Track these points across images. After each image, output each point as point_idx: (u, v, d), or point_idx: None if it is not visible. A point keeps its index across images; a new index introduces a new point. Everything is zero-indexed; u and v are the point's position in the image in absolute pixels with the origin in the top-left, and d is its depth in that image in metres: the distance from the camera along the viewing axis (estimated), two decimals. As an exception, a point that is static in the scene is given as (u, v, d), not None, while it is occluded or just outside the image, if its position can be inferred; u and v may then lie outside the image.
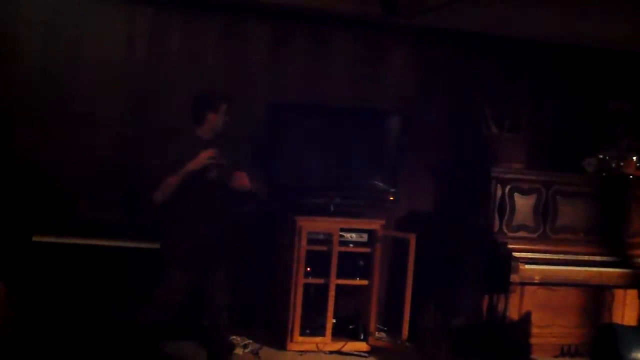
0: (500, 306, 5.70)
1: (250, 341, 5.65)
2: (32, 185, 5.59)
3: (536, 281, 5.70)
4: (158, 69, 5.82)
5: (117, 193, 5.63)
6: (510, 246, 5.69)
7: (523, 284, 5.70)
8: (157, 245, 5.03)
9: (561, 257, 5.77)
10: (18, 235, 5.27)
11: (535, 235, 5.88)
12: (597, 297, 5.94)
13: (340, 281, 5.67)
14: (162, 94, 5.82)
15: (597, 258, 5.83)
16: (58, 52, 5.68)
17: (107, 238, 5.32)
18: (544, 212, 5.89)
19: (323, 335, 5.65)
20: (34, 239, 5.19)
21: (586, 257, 5.81)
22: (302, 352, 5.60)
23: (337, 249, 5.62)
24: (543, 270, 5.69)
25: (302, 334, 5.62)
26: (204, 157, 4.58)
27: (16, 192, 5.55)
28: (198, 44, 5.89)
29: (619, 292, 5.95)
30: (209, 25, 5.89)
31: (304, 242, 5.55)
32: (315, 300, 5.72)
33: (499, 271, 5.66)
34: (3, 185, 5.52)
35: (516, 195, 5.84)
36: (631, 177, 6.01)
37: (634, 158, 6.11)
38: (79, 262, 5.27)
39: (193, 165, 4.56)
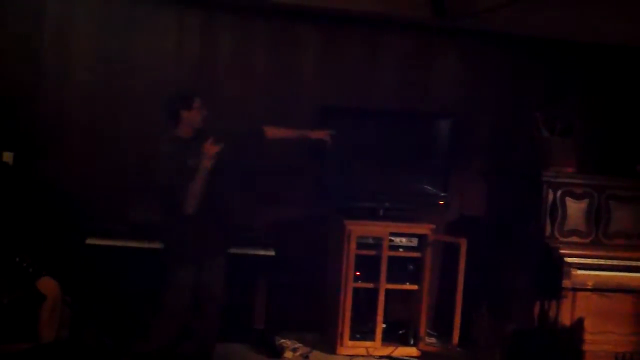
0: (552, 312, 5.62)
1: (300, 345, 5.65)
2: (85, 190, 5.68)
3: (589, 287, 5.60)
4: (208, 73, 5.86)
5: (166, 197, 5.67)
6: (562, 251, 5.60)
7: (575, 289, 5.60)
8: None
9: (615, 262, 5.66)
10: (73, 238, 5.35)
11: (587, 241, 5.78)
12: (653, 304, 5.82)
13: (390, 286, 5.65)
14: (212, 98, 5.84)
15: (653, 264, 5.73)
16: (110, 57, 5.76)
17: (156, 241, 5.36)
18: (596, 217, 5.78)
19: (373, 339, 5.62)
20: (88, 241, 5.29)
21: (641, 263, 5.72)
22: (351, 356, 5.59)
23: (386, 253, 5.60)
24: (596, 275, 5.59)
25: (352, 338, 5.60)
26: (213, 151, 4.58)
27: (71, 197, 5.65)
28: (248, 48, 5.92)
29: (675, 299, 5.84)
30: (259, 29, 5.92)
31: (353, 247, 5.53)
32: (365, 304, 5.71)
33: (550, 276, 5.58)
34: (59, 191, 5.62)
35: (568, 200, 5.75)
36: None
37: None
38: (130, 263, 5.36)
39: (207, 163, 4.58)
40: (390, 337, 5.74)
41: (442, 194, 5.87)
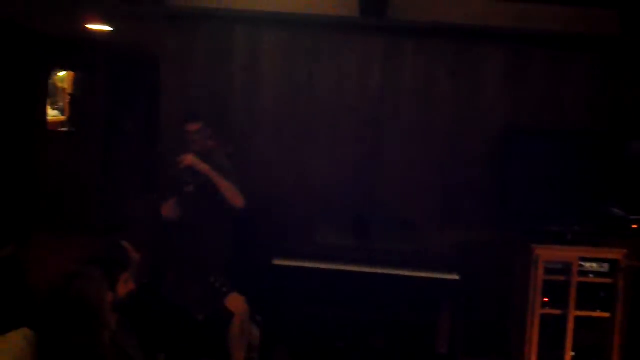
0: None
1: (485, 370, 5.57)
2: (273, 211, 5.88)
3: None
4: (390, 97, 5.91)
5: (349, 219, 5.77)
6: None
7: None
8: (386, 271, 5.22)
9: None
10: (261, 258, 5.52)
11: None
12: None
13: (580, 313, 5.43)
14: (395, 123, 5.91)
15: None
16: (295, 84, 5.94)
17: (341, 262, 5.44)
18: None
19: (561, 367, 5.44)
20: (275, 262, 5.44)
21: None
22: (538, 384, 5.43)
23: (576, 279, 5.39)
24: None
25: (539, 365, 5.44)
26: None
27: (258, 218, 5.84)
28: (430, 70, 5.91)
29: None
30: (441, 51, 5.89)
31: (541, 272, 5.37)
32: (552, 331, 5.52)
33: None
34: (247, 213, 5.83)
35: None
36: None
37: None
38: (317, 284, 5.45)
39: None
40: (580, 366, 5.53)
41: (635, 217, 5.58)
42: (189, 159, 5.02)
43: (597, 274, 5.47)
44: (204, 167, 5.01)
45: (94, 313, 3.25)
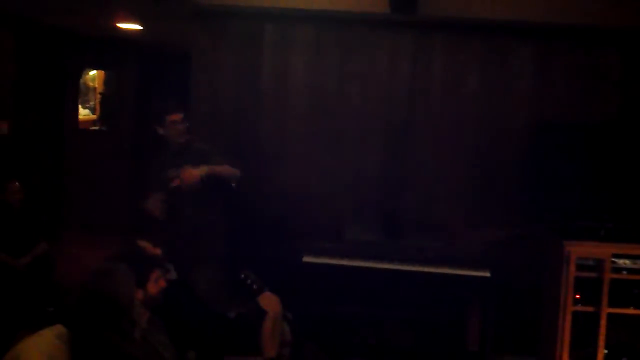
0: None
1: (517, 368, 5.53)
2: (302, 210, 5.91)
3: None
4: (420, 93, 5.89)
5: (379, 217, 5.76)
6: None
7: None
8: (415, 268, 5.21)
9: None
10: (290, 256, 5.53)
11: None
12: None
13: (613, 310, 5.37)
14: (424, 119, 5.89)
15: None
16: (324, 81, 5.94)
17: (370, 259, 5.43)
18: None
19: (594, 365, 5.38)
20: (304, 259, 5.44)
21: None
22: (571, 382, 5.37)
23: (609, 275, 5.33)
24: None
25: (571, 363, 5.39)
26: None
27: (288, 216, 5.89)
28: (460, 65, 5.88)
29: None
30: (471, 47, 5.86)
31: (572, 268, 5.31)
32: (584, 328, 5.46)
33: None
34: (278, 210, 5.87)
35: None
36: None
37: None
38: (346, 281, 5.45)
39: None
40: (613, 364, 5.47)
41: (671, 213, 5.51)
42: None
43: (630, 270, 5.38)
44: (202, 170, 4.98)
45: (124, 311, 3.27)
